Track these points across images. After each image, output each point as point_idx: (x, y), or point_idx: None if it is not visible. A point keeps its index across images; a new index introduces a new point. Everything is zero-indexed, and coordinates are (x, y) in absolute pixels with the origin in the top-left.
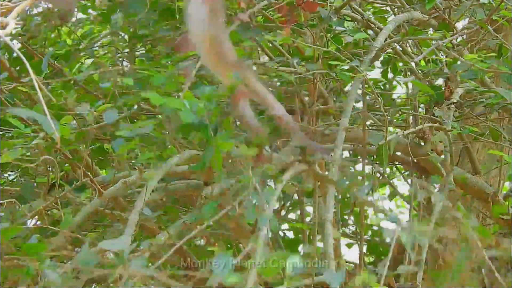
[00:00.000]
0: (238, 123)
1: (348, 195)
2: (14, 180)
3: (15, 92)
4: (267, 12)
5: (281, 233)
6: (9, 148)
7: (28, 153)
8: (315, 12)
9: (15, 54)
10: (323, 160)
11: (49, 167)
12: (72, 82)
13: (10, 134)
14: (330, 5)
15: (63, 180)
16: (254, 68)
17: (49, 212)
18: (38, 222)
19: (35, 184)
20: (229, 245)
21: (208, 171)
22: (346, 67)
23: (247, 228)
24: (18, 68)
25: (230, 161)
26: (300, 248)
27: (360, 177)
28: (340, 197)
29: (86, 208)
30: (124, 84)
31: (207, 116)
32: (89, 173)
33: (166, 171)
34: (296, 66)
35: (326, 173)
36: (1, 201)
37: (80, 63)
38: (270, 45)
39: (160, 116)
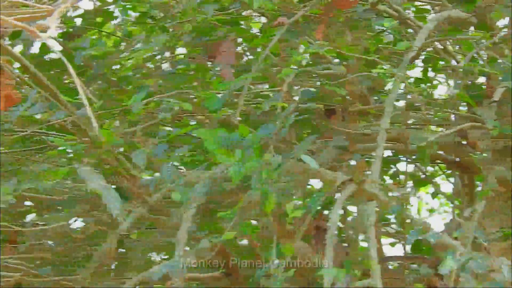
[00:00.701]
0: None
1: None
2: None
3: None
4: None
5: None
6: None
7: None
8: (351, 9)
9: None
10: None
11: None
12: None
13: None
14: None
15: None
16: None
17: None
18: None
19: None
20: (271, 245)
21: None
22: (386, 67)
23: (289, 228)
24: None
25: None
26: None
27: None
28: None
29: (131, 215)
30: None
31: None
32: (133, 178)
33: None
34: (335, 67)
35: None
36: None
37: (120, 64)
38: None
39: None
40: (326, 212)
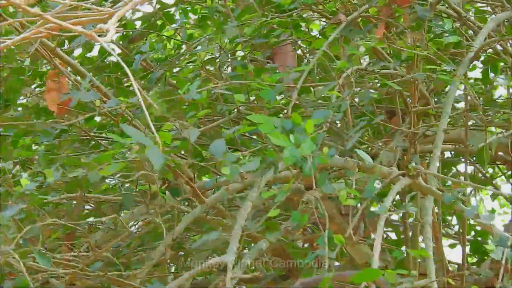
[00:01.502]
0: None
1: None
2: (114, 184)
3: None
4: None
5: (384, 235)
6: (109, 161)
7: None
8: (409, 8)
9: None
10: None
11: (147, 170)
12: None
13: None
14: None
15: (164, 188)
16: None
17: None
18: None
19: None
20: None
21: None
22: (446, 68)
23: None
24: (118, 73)
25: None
26: (403, 249)
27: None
28: None
29: (188, 216)
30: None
31: (310, 158)
32: (190, 180)
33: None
34: (397, 68)
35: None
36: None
37: (181, 67)
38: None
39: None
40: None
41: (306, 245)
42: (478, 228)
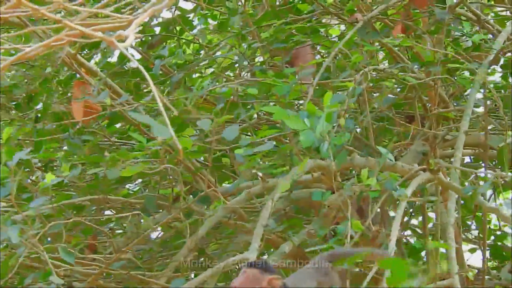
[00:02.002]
0: None
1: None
2: (136, 190)
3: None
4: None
5: (404, 240)
6: (128, 158)
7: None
8: (428, 12)
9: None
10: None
11: (171, 176)
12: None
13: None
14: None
15: (186, 191)
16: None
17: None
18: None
19: (158, 195)
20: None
21: (331, 180)
22: (465, 72)
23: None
24: (138, 79)
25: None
26: (423, 254)
27: (483, 183)
28: (462, 202)
29: (210, 220)
30: (247, 93)
31: (327, 137)
32: (211, 184)
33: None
34: (416, 71)
35: (448, 179)
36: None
37: (200, 73)
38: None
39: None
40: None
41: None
42: (498, 232)
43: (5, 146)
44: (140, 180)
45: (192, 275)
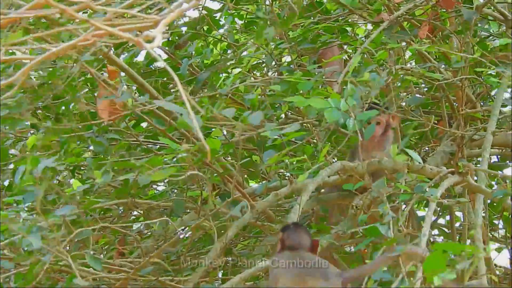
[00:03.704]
0: None
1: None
2: (162, 191)
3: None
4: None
5: (431, 239)
6: (160, 166)
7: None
8: (455, 12)
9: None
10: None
11: (201, 182)
12: (218, 94)
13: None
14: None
15: (215, 194)
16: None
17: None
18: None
19: (186, 199)
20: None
21: (358, 181)
22: (492, 72)
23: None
24: (165, 79)
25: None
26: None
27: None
28: (489, 201)
29: (239, 222)
30: (271, 91)
31: (351, 112)
32: (239, 186)
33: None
34: (444, 72)
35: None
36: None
37: (227, 73)
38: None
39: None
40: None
41: (354, 250)
42: None
43: (30, 154)
44: (166, 180)
45: (220, 274)
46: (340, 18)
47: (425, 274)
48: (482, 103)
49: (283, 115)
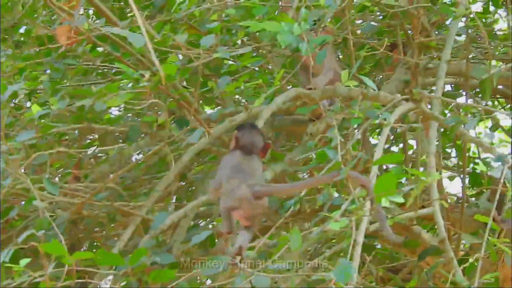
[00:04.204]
0: None
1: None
2: (118, 116)
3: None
4: None
5: (384, 166)
6: (116, 92)
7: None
8: None
9: None
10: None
11: (156, 107)
12: (174, 19)
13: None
14: None
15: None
16: None
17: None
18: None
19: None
20: None
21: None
22: (448, 1)
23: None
24: (121, 3)
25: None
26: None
27: (463, 112)
28: (442, 130)
29: (194, 147)
30: (228, 16)
31: (304, 35)
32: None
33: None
34: None
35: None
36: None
37: None
38: None
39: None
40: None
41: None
42: (477, 160)
43: None
44: (122, 105)
45: (174, 199)
46: None
47: (375, 195)
48: (436, 32)
49: (239, 41)
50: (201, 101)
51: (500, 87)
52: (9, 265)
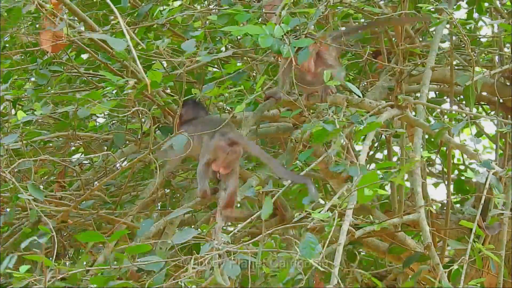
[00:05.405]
0: None
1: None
2: (103, 124)
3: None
4: None
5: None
6: (99, 99)
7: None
8: None
9: None
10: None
11: (141, 114)
12: (156, 25)
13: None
14: None
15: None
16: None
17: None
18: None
19: (126, 132)
20: (317, 185)
21: (297, 115)
22: (431, 8)
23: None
24: (105, 11)
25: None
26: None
27: (447, 119)
28: (426, 137)
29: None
30: (211, 23)
31: (285, 38)
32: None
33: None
34: (383, 6)
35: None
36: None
37: (168, 5)
38: None
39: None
40: None
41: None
42: (462, 167)
43: None
44: (107, 112)
45: (159, 206)
46: None
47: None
48: (421, 39)
49: (223, 48)
50: None
51: (484, 93)
52: (10, 271)
